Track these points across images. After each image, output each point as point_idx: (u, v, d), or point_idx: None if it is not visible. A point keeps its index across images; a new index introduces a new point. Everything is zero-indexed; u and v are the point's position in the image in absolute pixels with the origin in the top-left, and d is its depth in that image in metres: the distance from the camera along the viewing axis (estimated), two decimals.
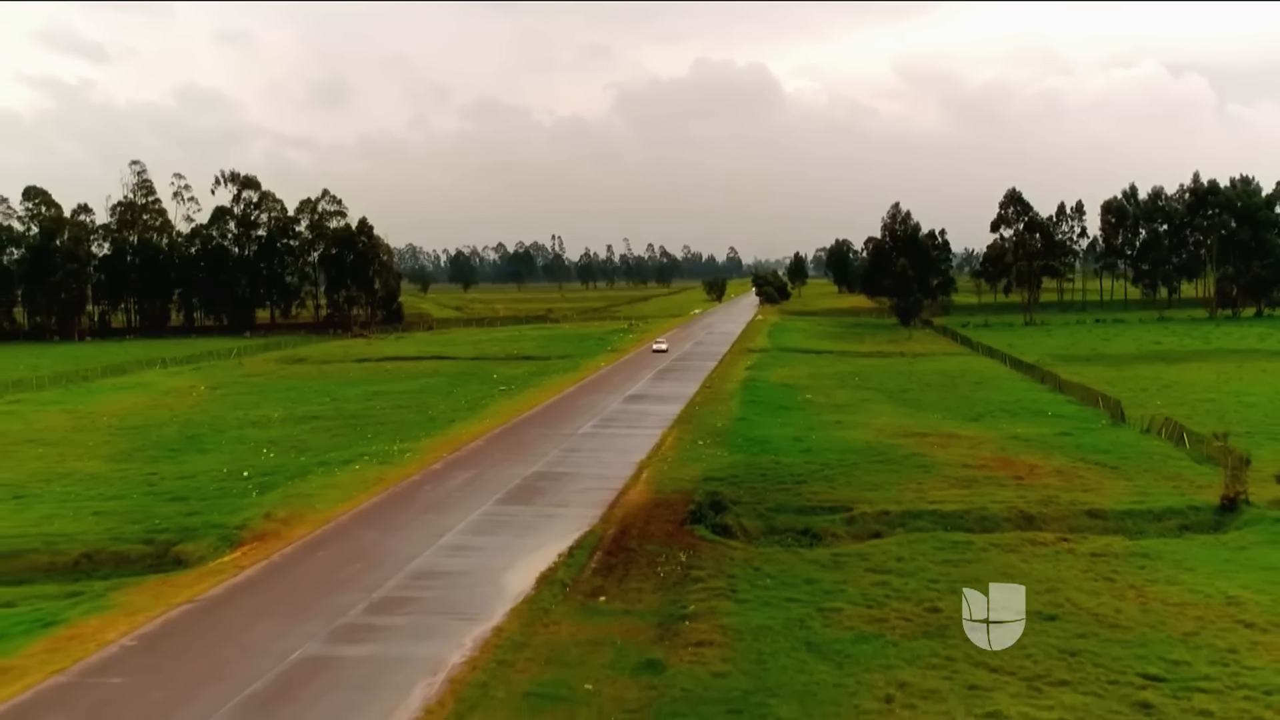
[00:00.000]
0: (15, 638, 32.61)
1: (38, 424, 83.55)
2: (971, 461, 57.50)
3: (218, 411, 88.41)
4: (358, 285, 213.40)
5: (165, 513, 49.51)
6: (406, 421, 77.42)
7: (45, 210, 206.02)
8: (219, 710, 26.14)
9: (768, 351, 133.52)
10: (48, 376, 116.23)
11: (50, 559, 43.32)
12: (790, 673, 28.48)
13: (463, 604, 34.43)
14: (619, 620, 33.01)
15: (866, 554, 40.31)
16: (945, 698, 26.64)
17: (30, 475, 61.04)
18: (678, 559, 39.43)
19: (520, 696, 26.92)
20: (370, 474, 56.72)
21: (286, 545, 42.41)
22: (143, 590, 37.37)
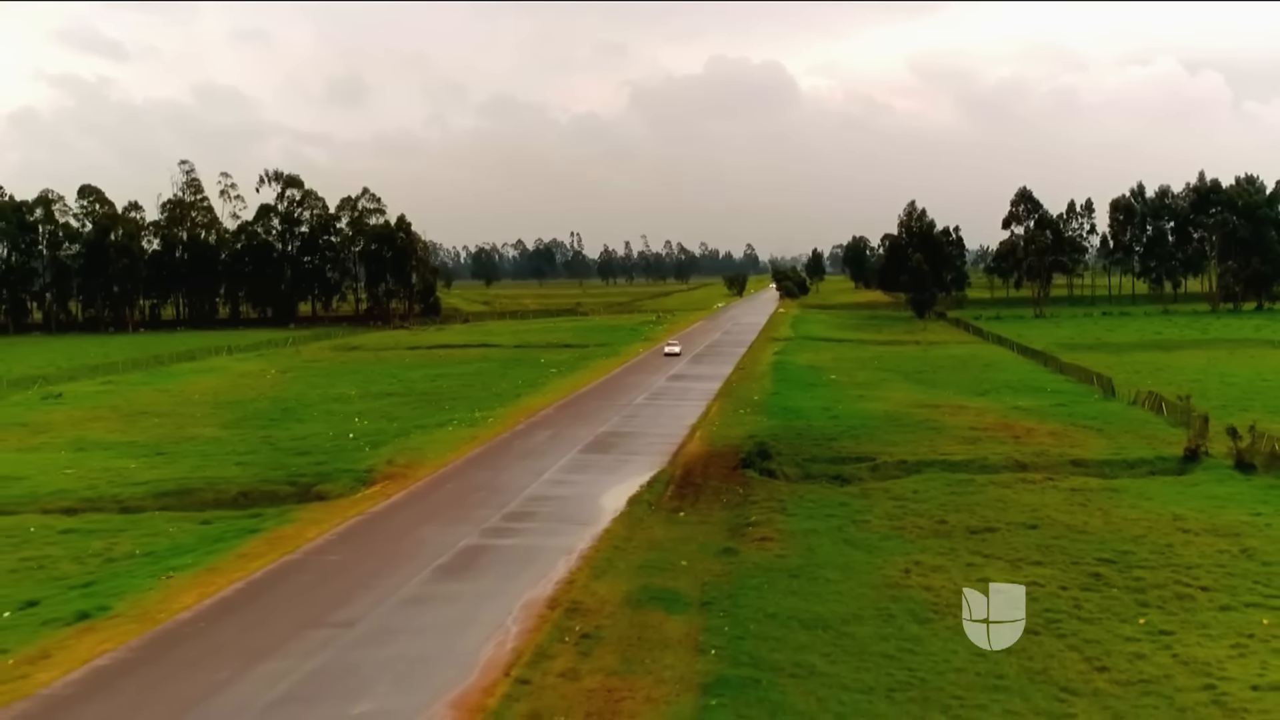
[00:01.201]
0: (234, 538, 42.51)
1: (138, 401, 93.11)
2: (977, 425, 66.93)
3: (297, 390, 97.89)
4: (396, 280, 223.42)
5: (297, 463, 59.22)
6: (475, 396, 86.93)
7: (99, 208, 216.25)
8: (418, 575, 35.97)
9: (792, 340, 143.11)
10: (122, 362, 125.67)
11: (214, 495, 52.96)
12: (833, 555, 38.22)
13: (575, 515, 44.32)
14: (698, 527, 42.81)
15: (888, 488, 49.91)
16: (948, 570, 36.28)
17: (160, 438, 70.69)
18: (736, 490, 49.19)
19: (635, 568, 36.66)
20: (463, 434, 66.50)
21: (417, 481, 52.27)
22: (313, 511, 47.25)
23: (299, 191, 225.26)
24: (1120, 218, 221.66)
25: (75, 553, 41.74)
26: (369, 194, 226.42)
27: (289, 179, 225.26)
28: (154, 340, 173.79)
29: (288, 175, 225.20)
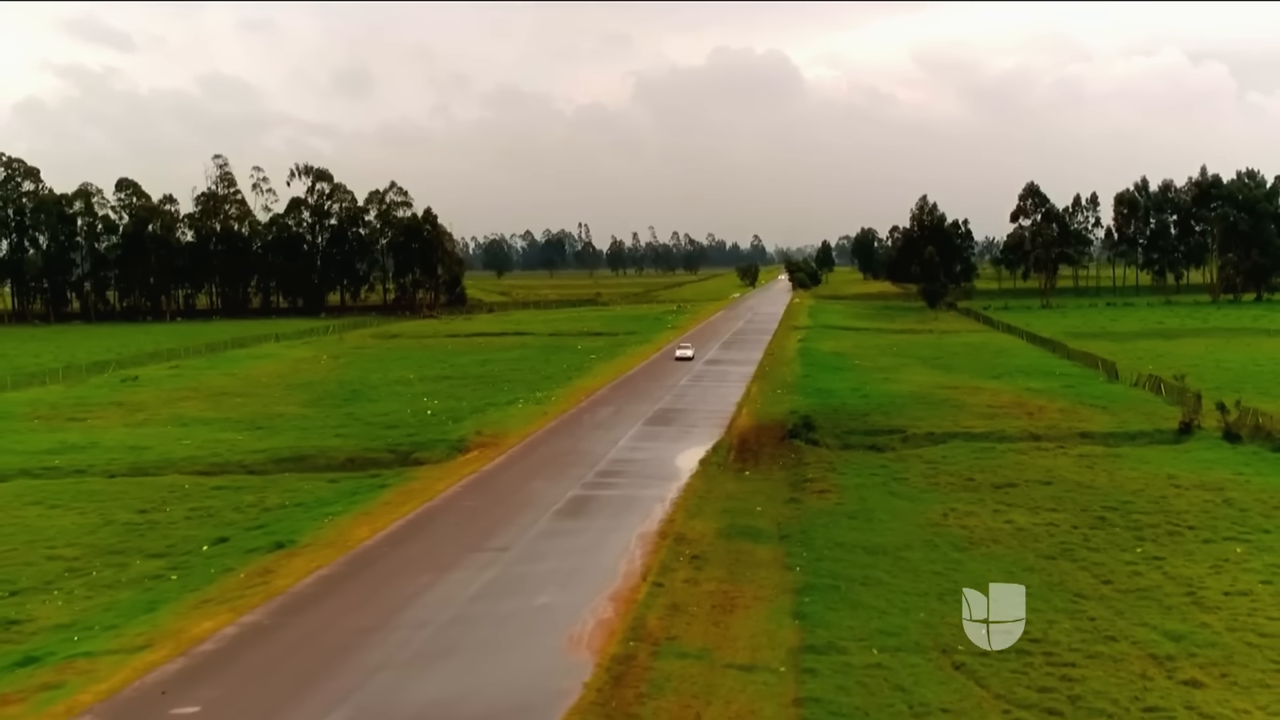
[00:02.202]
0: (367, 492, 50.22)
1: (211, 383, 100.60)
2: (993, 404, 74.51)
3: (357, 374, 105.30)
4: (423, 271, 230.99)
5: (390, 435, 66.82)
6: (528, 379, 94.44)
7: (136, 200, 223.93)
8: (544, 516, 43.70)
9: (812, 329, 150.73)
10: (179, 349, 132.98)
11: (326, 461, 60.52)
12: (882, 503, 45.93)
13: (657, 473, 52.13)
14: (762, 482, 50.58)
15: (920, 455, 57.53)
16: (979, 514, 43.92)
17: (252, 415, 78.23)
18: (789, 456, 56.95)
19: (719, 511, 44.39)
20: (533, 410, 74.14)
21: (508, 449, 59.96)
22: (427, 471, 54.94)
23: (328, 185, 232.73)
24: (1124, 211, 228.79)
25: (232, 504, 49.41)
26: (396, 187, 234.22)
27: (319, 173, 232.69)
28: (193, 329, 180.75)
29: (318, 169, 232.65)
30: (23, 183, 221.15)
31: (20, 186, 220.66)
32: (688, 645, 28.98)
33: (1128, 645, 29.53)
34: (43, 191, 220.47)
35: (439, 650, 28.86)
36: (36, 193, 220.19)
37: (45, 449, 64.44)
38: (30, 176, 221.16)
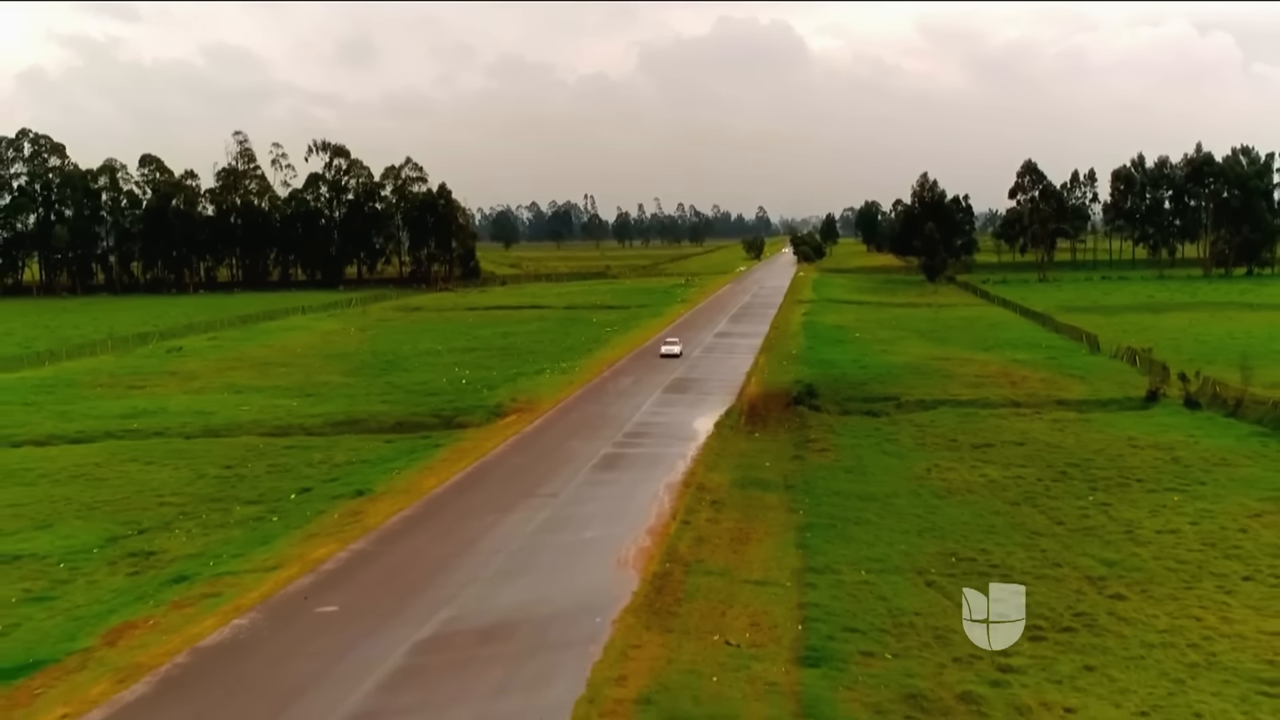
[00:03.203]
0: (424, 450, 57.27)
1: (251, 354, 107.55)
2: (981, 374, 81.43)
3: (388, 346, 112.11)
4: (438, 244, 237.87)
5: (432, 401, 73.71)
6: (550, 350, 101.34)
7: (159, 175, 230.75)
8: (583, 470, 50.84)
9: (816, 302, 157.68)
10: (214, 321, 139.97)
11: (377, 424, 67.41)
12: (875, 460, 53.02)
13: (677, 434, 59.29)
14: (770, 442, 57.65)
15: (911, 419, 64.48)
16: (958, 469, 50.95)
17: (298, 384, 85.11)
18: (793, 420, 63.96)
19: (733, 466, 51.51)
20: (560, 379, 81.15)
21: (543, 413, 67.03)
22: (473, 433, 61.99)
23: (345, 160, 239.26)
24: (1121, 187, 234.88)
25: (305, 461, 56.45)
26: (411, 163, 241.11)
27: (336, 149, 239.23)
28: (217, 301, 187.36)
29: (335, 145, 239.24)
30: (49, 158, 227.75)
31: (46, 162, 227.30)
32: (712, 566, 36.11)
33: (1070, 569, 36.48)
34: (68, 166, 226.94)
35: (513, 569, 36.00)
36: (62, 168, 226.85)
37: (120, 414, 71.35)
38: (56, 152, 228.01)
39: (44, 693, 26.82)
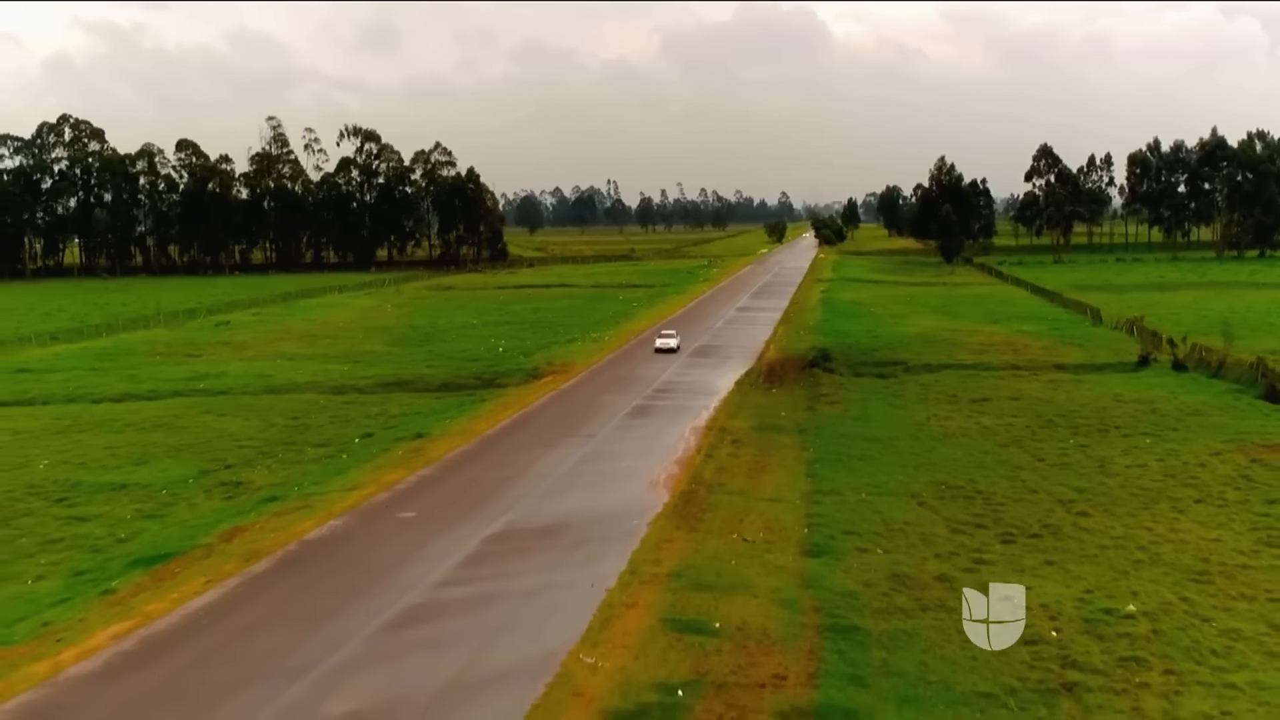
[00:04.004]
0: (471, 404, 63.04)
1: (296, 327, 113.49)
2: (986, 343, 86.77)
3: (424, 320, 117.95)
4: (466, 227, 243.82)
5: (472, 366, 79.46)
6: (580, 323, 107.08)
7: (195, 160, 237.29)
8: (617, 417, 56.63)
9: (834, 281, 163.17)
10: (255, 298, 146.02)
11: (424, 385, 73.03)
12: (880, 410, 58.59)
13: (701, 389, 65.03)
14: (786, 397, 63.25)
15: (916, 379, 69.95)
16: (955, 418, 56.41)
17: (345, 353, 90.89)
18: (808, 380, 69.49)
19: (752, 414, 57.16)
20: (591, 347, 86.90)
21: (578, 373, 72.81)
22: (514, 390, 67.73)
23: (376, 145, 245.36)
24: (1137, 171, 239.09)
25: (363, 413, 62.17)
26: (441, 147, 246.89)
27: (367, 133, 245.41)
28: (253, 281, 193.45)
29: (366, 130, 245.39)
30: (89, 143, 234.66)
31: (86, 146, 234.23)
32: (732, 488, 41.83)
33: (1044, 495, 41.92)
34: (107, 151, 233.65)
35: (562, 488, 41.85)
36: (101, 152, 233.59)
37: (184, 377, 77.39)
38: (96, 137, 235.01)
39: (181, 572, 32.70)
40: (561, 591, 29.97)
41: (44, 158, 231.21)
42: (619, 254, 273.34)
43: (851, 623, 28.18)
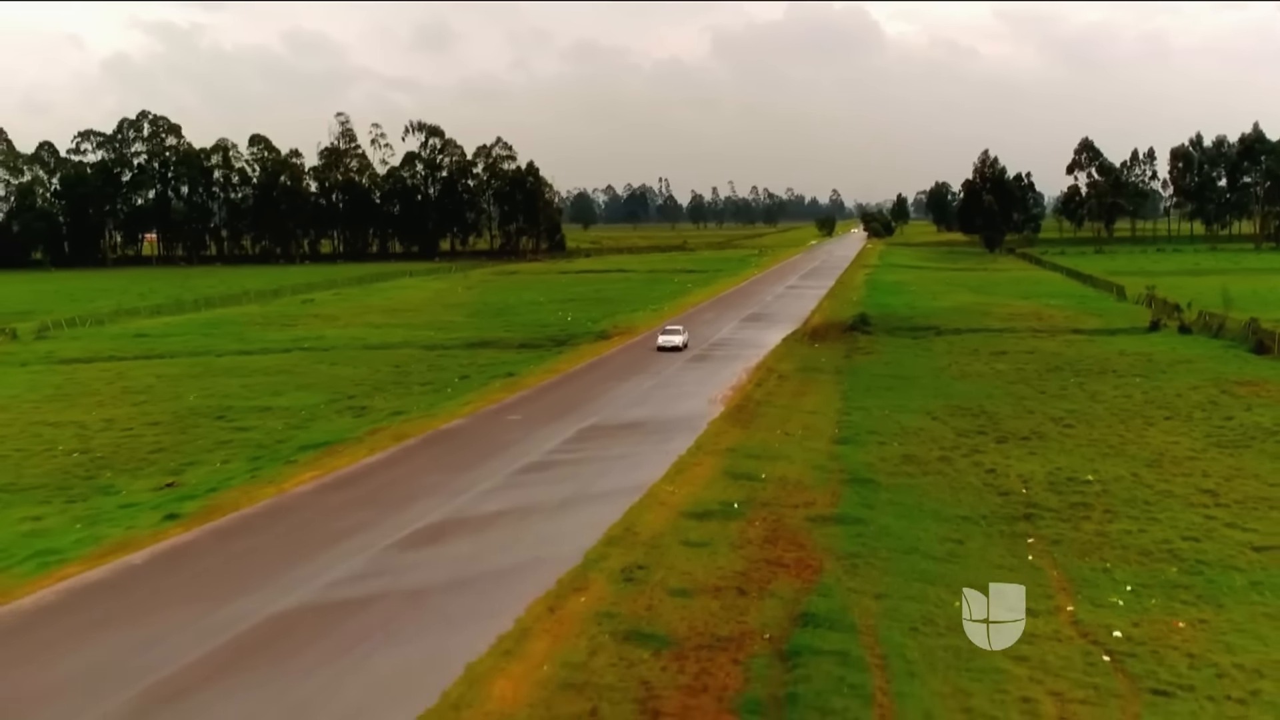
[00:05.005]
0: (550, 357, 71.97)
1: (377, 303, 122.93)
2: (1014, 313, 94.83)
3: (495, 298, 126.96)
4: (526, 219, 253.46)
5: (546, 330, 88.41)
6: (640, 299, 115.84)
7: (267, 154, 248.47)
8: (677, 363, 65.57)
9: (879, 267, 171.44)
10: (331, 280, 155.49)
11: (505, 344, 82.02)
12: (909, 358, 67.14)
13: (752, 344, 73.94)
14: (827, 351, 71.90)
15: (945, 339, 78.25)
16: (974, 364, 64.81)
17: (428, 322, 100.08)
18: (848, 338, 78.08)
19: (796, 360, 65.86)
20: (651, 315, 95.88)
21: (642, 334, 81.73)
22: (585, 346, 76.70)
23: (440, 140, 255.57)
24: (1179, 165, 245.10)
25: (456, 363, 71.12)
26: (501, 142, 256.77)
27: (431, 129, 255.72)
28: (324, 270, 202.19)
29: (430, 125, 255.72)
30: (166, 138, 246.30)
31: (164, 141, 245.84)
32: (777, 404, 50.68)
33: (1040, 415, 50.23)
34: (183, 146, 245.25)
35: (637, 403, 51.07)
36: (178, 147, 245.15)
37: (288, 339, 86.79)
38: (173, 132, 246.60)
39: (346, 450, 41.94)
40: (644, 456, 39.06)
41: (124, 152, 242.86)
42: (672, 246, 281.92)
43: (867, 478, 36.89)
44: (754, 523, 30.82)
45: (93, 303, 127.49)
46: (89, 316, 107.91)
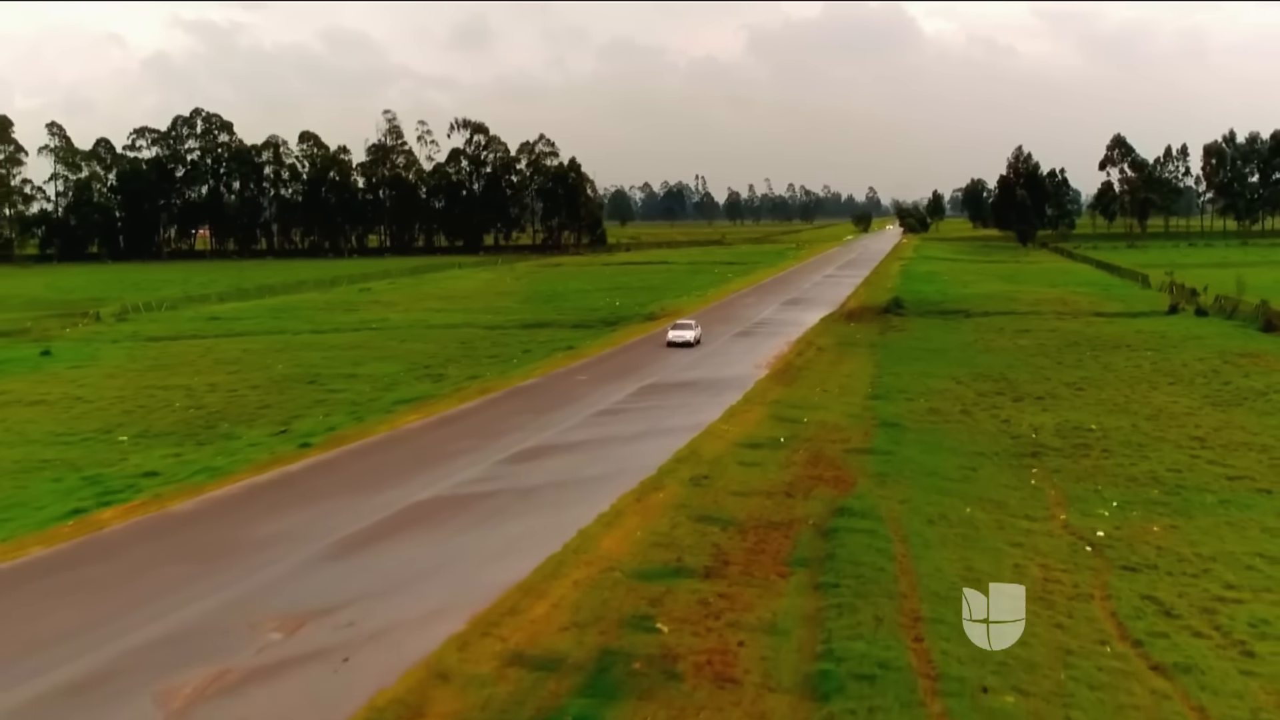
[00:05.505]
0: (606, 333, 77.69)
1: (432, 291, 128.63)
2: (1040, 299, 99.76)
3: (544, 287, 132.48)
4: (568, 214, 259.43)
5: (596, 314, 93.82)
6: (683, 287, 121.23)
7: (316, 150, 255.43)
8: (724, 337, 71.15)
9: (913, 259, 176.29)
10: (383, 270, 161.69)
11: (560, 325, 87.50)
12: (938, 334, 72.51)
13: (792, 323, 79.56)
14: (862, 329, 77.34)
15: (973, 320, 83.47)
16: (998, 340, 70.07)
17: (483, 308, 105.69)
18: (882, 319, 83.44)
19: (833, 336, 71.38)
20: (695, 300, 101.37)
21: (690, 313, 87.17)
22: (635, 326, 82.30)
23: (484, 137, 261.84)
24: (1213, 161, 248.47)
25: (517, 340, 76.64)
26: (544, 139, 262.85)
27: (476, 126, 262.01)
28: (373, 263, 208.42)
29: (475, 123, 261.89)
30: (219, 134, 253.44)
31: (216, 138, 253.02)
32: (816, 369, 56.32)
33: (1055, 381, 55.45)
34: (235, 142, 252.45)
35: (690, 367, 56.95)
36: (230, 143, 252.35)
37: (355, 321, 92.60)
38: (225, 129, 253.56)
39: (437, 402, 47.82)
40: (700, 405, 44.99)
41: (178, 149, 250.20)
42: (710, 241, 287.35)
43: (896, 423, 42.48)
44: (798, 452, 36.43)
45: (157, 291, 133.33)
46: (161, 302, 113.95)
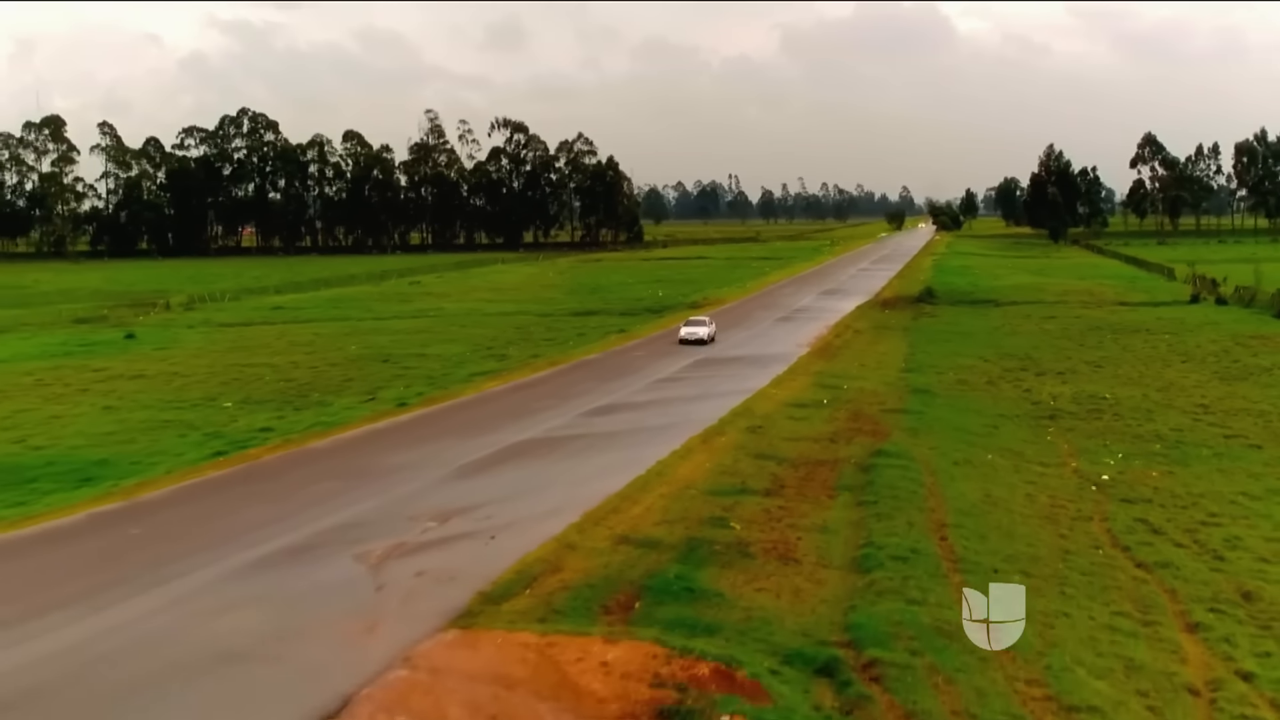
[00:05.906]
0: (651, 321, 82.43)
1: (479, 284, 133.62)
2: (1068, 290, 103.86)
3: (586, 280, 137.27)
4: (606, 211, 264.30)
5: (641, 303, 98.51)
6: (722, 280, 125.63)
7: (360, 149, 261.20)
8: (765, 321, 75.93)
9: (945, 254, 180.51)
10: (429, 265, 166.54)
11: (608, 313, 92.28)
12: (967, 321, 76.93)
13: (830, 310, 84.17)
14: (896, 315, 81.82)
15: (1002, 309, 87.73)
16: (1024, 325, 74.42)
17: (531, 298, 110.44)
18: (914, 307, 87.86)
19: (869, 322, 75.93)
20: (736, 290, 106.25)
21: (731, 303, 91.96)
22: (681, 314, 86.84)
23: (524, 136, 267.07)
24: (1244, 159, 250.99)
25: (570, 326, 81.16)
26: (583, 138, 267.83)
27: (516, 125, 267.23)
28: (415, 259, 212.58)
29: (515, 122, 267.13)
30: (264, 133, 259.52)
31: (262, 137, 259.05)
32: (853, 348, 60.93)
33: (1076, 360, 59.68)
34: (280, 141, 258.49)
35: (737, 346, 61.72)
36: (275, 142, 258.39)
37: (411, 310, 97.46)
38: (271, 128, 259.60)
39: (511, 373, 52.73)
40: (750, 375, 49.91)
41: (225, 147, 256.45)
42: (745, 238, 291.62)
43: (927, 390, 47.11)
44: (839, 410, 41.15)
45: (212, 284, 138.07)
46: (223, 293, 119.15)
